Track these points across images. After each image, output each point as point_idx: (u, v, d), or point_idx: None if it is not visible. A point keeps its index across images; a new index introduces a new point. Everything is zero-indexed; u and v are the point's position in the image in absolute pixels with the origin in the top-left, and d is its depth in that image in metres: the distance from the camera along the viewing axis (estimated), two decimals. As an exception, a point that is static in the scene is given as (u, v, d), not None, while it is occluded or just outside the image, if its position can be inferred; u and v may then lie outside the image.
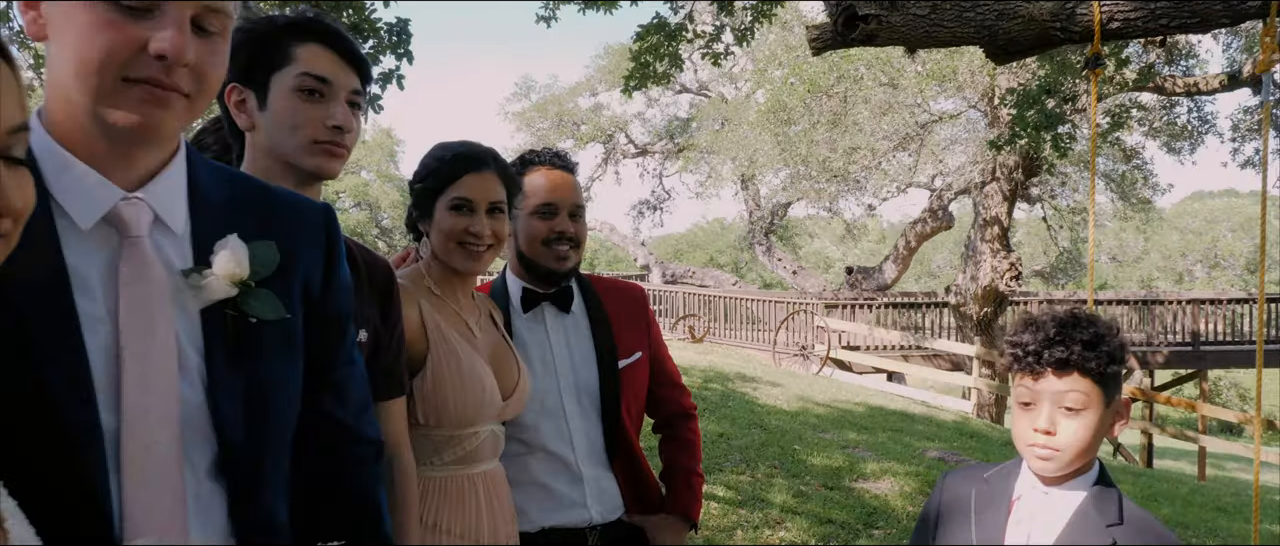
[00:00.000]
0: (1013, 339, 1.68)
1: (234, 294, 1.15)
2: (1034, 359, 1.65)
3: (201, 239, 1.16)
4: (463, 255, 1.94)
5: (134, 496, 1.07)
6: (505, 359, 2.04)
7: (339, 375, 1.32)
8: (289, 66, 1.56)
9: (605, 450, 2.29)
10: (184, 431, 1.11)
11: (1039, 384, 1.66)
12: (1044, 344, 1.63)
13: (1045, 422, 1.64)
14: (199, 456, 1.14)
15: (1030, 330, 1.66)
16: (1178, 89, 13.92)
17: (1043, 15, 3.77)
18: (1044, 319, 1.67)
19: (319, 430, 1.30)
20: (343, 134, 1.59)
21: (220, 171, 1.25)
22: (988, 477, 1.81)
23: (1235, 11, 3.55)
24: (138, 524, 1.07)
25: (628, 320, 2.41)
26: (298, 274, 1.24)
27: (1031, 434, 1.66)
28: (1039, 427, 1.65)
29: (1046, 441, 1.65)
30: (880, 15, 3.69)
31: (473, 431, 1.91)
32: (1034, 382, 1.66)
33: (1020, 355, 1.66)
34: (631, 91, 8.98)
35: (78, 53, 1.04)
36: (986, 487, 1.78)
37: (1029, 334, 1.65)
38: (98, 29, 1.03)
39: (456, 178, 1.93)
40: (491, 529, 1.92)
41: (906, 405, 13.61)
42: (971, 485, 1.81)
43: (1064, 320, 1.65)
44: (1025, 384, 1.68)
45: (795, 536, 6.00)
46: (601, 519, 2.25)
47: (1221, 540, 7.55)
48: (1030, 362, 1.65)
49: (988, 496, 1.76)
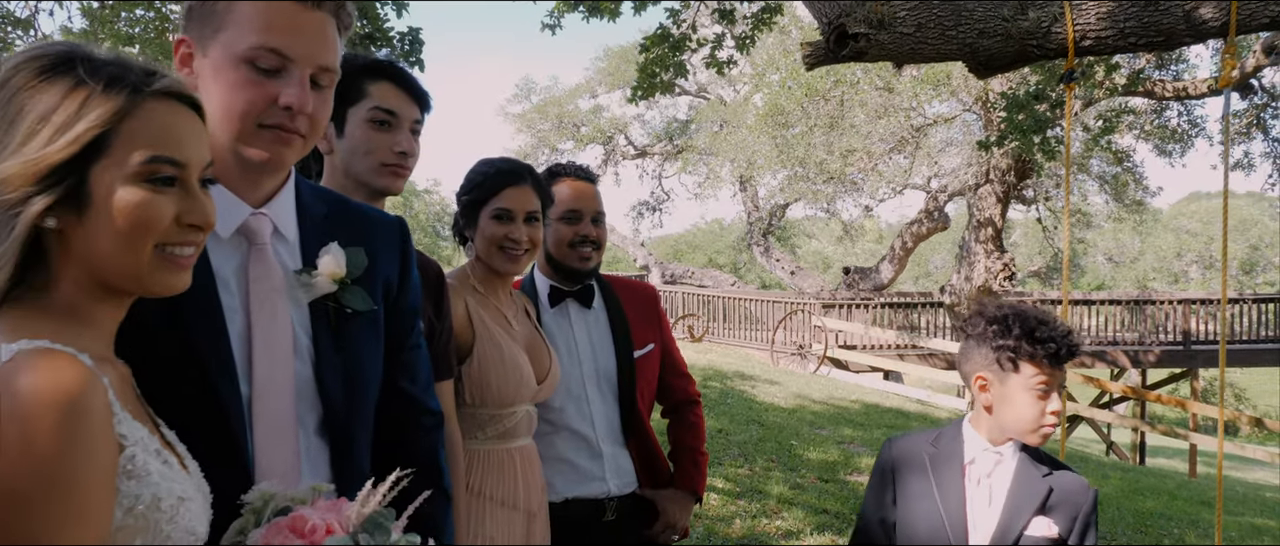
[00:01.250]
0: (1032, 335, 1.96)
1: (334, 289, 1.44)
2: (1061, 355, 1.96)
3: (308, 246, 1.45)
4: (503, 258, 2.23)
5: (263, 449, 1.35)
6: (539, 348, 2.33)
7: (409, 357, 1.61)
8: (363, 101, 1.87)
9: (622, 430, 2.58)
10: (298, 399, 1.40)
11: (1055, 374, 1.97)
12: (1066, 341, 1.94)
13: (1059, 405, 1.97)
14: (309, 418, 1.42)
15: (1045, 327, 1.96)
16: (1168, 93, 14.21)
17: (1020, 33, 4.05)
18: (1042, 317, 1.97)
19: (393, 401, 1.58)
20: (406, 158, 1.90)
21: (319, 191, 1.54)
22: (934, 441, 2.13)
23: (1197, 31, 3.83)
24: (264, 471, 1.35)
25: (641, 316, 2.71)
26: (380, 274, 1.53)
27: (1048, 417, 1.98)
28: (1055, 410, 1.97)
29: (1056, 420, 1.97)
30: (869, 34, 3.97)
31: (511, 411, 2.19)
32: (1052, 374, 1.97)
33: (1046, 351, 1.95)
34: (639, 101, 9.25)
35: (225, 103, 1.33)
36: (936, 450, 2.10)
37: (1047, 330, 1.95)
38: (242, 86, 1.33)
39: (498, 190, 2.22)
40: (526, 496, 2.20)
41: (902, 403, 13.88)
42: (921, 447, 2.13)
43: (1053, 320, 1.96)
44: (1042, 375, 1.97)
45: (791, 525, 6.27)
46: (618, 491, 2.54)
47: (1201, 532, 7.83)
48: (1056, 359, 1.96)
49: (939, 457, 2.08)
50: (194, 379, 1.29)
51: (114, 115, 1.03)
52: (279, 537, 1.16)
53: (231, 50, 1.33)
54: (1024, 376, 2.00)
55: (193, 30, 1.37)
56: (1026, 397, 2.00)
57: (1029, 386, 1.99)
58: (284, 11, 1.33)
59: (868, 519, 2.17)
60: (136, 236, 1.05)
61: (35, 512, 0.89)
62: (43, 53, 1.05)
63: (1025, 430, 2.02)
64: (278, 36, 1.33)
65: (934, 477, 2.06)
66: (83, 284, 1.06)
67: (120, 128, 1.04)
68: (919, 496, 2.07)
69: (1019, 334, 1.99)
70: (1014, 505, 2.01)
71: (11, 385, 0.89)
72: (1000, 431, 2.06)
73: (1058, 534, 1.99)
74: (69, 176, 1.02)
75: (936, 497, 2.05)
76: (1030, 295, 20.05)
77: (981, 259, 15.71)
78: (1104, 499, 8.90)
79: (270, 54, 1.33)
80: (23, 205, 1.00)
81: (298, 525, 1.18)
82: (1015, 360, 2.00)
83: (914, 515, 2.07)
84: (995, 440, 2.06)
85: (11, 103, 1.02)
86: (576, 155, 29.51)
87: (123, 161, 1.04)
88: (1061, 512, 2.01)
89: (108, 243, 1.04)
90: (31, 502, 0.89)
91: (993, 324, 2.03)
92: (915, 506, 2.07)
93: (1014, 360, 2.01)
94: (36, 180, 1.00)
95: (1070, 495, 2.02)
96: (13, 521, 0.89)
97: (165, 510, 1.02)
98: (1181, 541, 7.46)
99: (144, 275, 1.08)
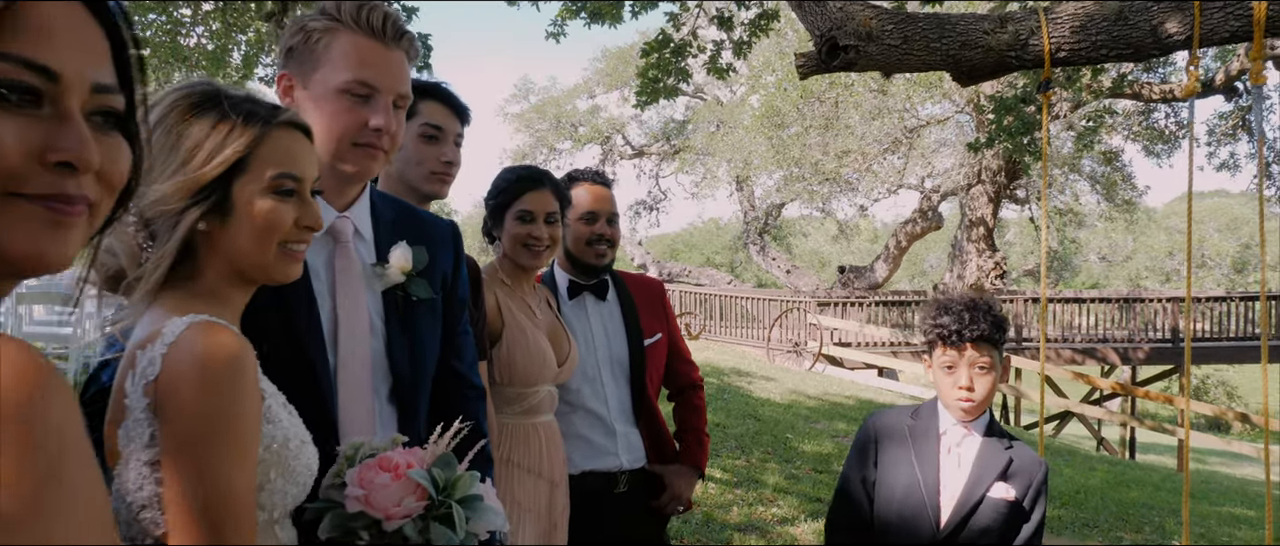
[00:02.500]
0: (934, 321, 2.29)
1: (402, 280, 1.72)
2: (956, 336, 2.25)
3: (381, 244, 1.73)
4: (527, 254, 2.51)
5: (345, 409, 1.63)
6: (559, 335, 2.61)
7: (459, 340, 1.89)
8: (414, 117, 2.16)
9: (633, 410, 2.86)
10: (372, 370, 1.68)
11: (961, 354, 2.25)
12: (963, 324, 2.23)
13: (966, 381, 2.26)
14: (381, 387, 1.70)
15: (948, 314, 2.26)
16: (1155, 95, 14.51)
17: (1000, 46, 4.33)
18: (955, 304, 2.27)
19: (445, 376, 1.86)
20: (451, 167, 2.19)
21: (387, 198, 1.83)
22: (913, 415, 2.43)
23: (1162, 44, 4.12)
24: (346, 430, 1.63)
25: (650, 308, 2.99)
26: (438, 268, 1.81)
27: (957, 391, 2.28)
28: (962, 385, 2.25)
29: (968, 395, 2.26)
30: (858, 45, 4.25)
31: (534, 390, 2.47)
32: (958, 354, 2.26)
33: (945, 334, 2.26)
34: (643, 107, 9.50)
35: (325, 127, 1.61)
36: (915, 423, 2.39)
37: (949, 316, 2.25)
38: (340, 113, 1.62)
39: (521, 194, 2.50)
40: (550, 467, 2.48)
41: (895, 399, 14.16)
42: (902, 421, 2.42)
43: (971, 304, 2.26)
44: (949, 354, 2.28)
45: (786, 513, 6.55)
46: (629, 465, 2.82)
47: (1181, 520, 8.12)
48: (953, 339, 2.25)
49: (918, 430, 2.37)
50: (293, 350, 1.57)
51: (251, 142, 1.31)
52: (371, 473, 1.45)
53: (329, 84, 1.62)
54: (936, 355, 2.32)
55: (293, 68, 1.65)
56: (940, 374, 2.32)
57: (940, 363, 2.31)
58: (371, 51, 1.63)
59: (850, 478, 2.45)
60: (267, 236, 1.33)
61: (214, 451, 1.16)
62: (191, 91, 1.33)
63: (947, 403, 2.34)
64: (367, 71, 1.62)
65: (913, 446, 2.36)
66: (223, 274, 1.34)
67: (256, 152, 1.32)
68: (898, 461, 2.36)
69: (930, 321, 2.31)
70: (979, 471, 2.31)
71: (194, 349, 1.17)
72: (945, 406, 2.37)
73: (1014, 497, 2.29)
74: (217, 191, 1.30)
75: (914, 463, 2.34)
76: (1022, 293, 20.33)
77: (974, 258, 16.01)
78: (1091, 490, 9.21)
79: (361, 86, 1.62)
80: (182, 214, 1.28)
81: (385, 463, 1.47)
82: (929, 342, 2.34)
83: (893, 477, 2.36)
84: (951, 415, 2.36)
85: (171, 132, 1.30)
86: (574, 155, 29.81)
87: (258, 178, 1.32)
88: (1018, 480, 2.32)
89: (245, 241, 1.32)
90: (211, 442, 1.16)
91: (926, 312, 2.35)
92: (894, 470, 2.36)
93: (929, 342, 2.34)
94: (192, 194, 1.28)
95: (1026, 466, 2.33)
96: (195, 460, 1.16)
97: (292, 450, 1.30)
98: (1161, 528, 7.76)
99: (270, 266, 1.36)
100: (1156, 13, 4.10)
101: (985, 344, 2.26)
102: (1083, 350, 19.11)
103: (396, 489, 1.46)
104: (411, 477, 1.47)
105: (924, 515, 2.31)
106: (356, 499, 1.46)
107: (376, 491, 1.46)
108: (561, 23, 9.52)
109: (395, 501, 1.46)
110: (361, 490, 1.46)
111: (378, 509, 1.46)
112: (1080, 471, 10.51)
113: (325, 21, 1.61)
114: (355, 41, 1.61)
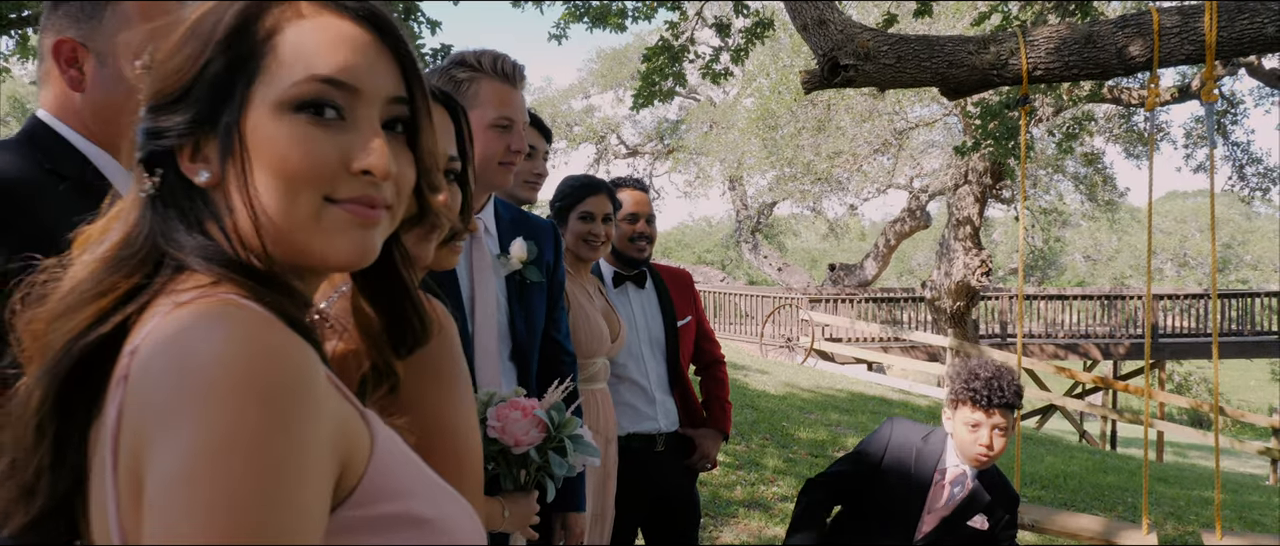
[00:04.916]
0: (966, 384, 2.74)
1: (519, 268, 2.21)
2: (985, 400, 2.73)
3: (502, 238, 2.22)
4: (587, 248, 3.00)
5: (480, 366, 2.12)
6: (611, 315, 3.11)
7: (557, 314, 2.39)
8: None
9: (668, 382, 3.36)
10: (499, 336, 2.17)
11: (987, 416, 2.74)
12: (992, 391, 2.71)
13: (987, 440, 2.74)
14: (504, 351, 2.19)
15: (979, 379, 2.72)
16: (1133, 100, 15.07)
17: (984, 65, 4.85)
18: (985, 370, 2.73)
19: (547, 343, 2.35)
20: (541, 177, 2.68)
21: (503, 203, 2.32)
22: (925, 438, 2.90)
23: (1126, 65, 4.65)
24: (481, 381, 2.12)
25: (681, 295, 3.50)
26: (544, 259, 2.30)
27: (978, 447, 2.76)
28: (983, 444, 2.74)
29: (987, 452, 2.76)
30: (857, 65, 4.76)
31: (592, 361, 2.96)
32: (984, 415, 2.74)
33: (976, 397, 2.73)
34: (639, 109, 9.94)
35: (480, 154, 2.09)
36: (924, 447, 2.87)
37: (980, 382, 2.72)
38: (490, 142, 2.09)
39: (583, 198, 2.99)
40: (605, 425, 2.98)
41: (885, 392, 14.68)
42: (914, 440, 2.89)
43: (999, 373, 2.73)
44: (976, 414, 2.75)
45: (785, 491, 7.06)
46: (666, 429, 3.32)
47: (1152, 501, 8.68)
48: (982, 403, 2.73)
49: (923, 454, 2.85)
50: None
51: None
52: (507, 410, 1.94)
53: (480, 122, 2.10)
54: (961, 414, 2.79)
55: None
56: (962, 428, 2.80)
57: (964, 420, 2.78)
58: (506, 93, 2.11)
59: (853, 458, 2.96)
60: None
61: None
62: None
63: (965, 453, 2.82)
64: (506, 110, 2.10)
65: (915, 464, 2.84)
66: None
67: None
68: (898, 467, 2.86)
69: (962, 382, 2.78)
70: (965, 507, 2.82)
71: None
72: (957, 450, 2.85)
73: (987, 527, 2.80)
74: None
75: (911, 476, 2.84)
76: (1007, 290, 20.93)
77: (960, 256, 16.52)
78: (1070, 474, 9.76)
79: (504, 120, 2.10)
80: None
81: (515, 404, 1.96)
82: (956, 401, 2.81)
83: (891, 479, 2.85)
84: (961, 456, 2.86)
85: None
86: (569, 154, 30.25)
87: None
88: (995, 514, 2.82)
89: None
90: None
91: (959, 372, 2.83)
92: (893, 472, 2.86)
93: (955, 401, 2.81)
94: None
95: (1003, 500, 2.83)
96: None
97: None
98: (1134, 508, 8.31)
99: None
100: (1121, 37, 4.63)
101: (1008, 410, 2.72)
102: (1066, 345, 19.70)
103: (526, 424, 1.95)
104: (537, 415, 1.96)
105: (907, 523, 2.80)
106: (495, 429, 1.96)
107: (510, 424, 1.95)
108: (564, 26, 9.88)
109: (524, 431, 1.95)
110: (499, 423, 1.95)
111: (510, 437, 1.96)
112: (1061, 458, 11.07)
113: (467, 72, 2.09)
114: (494, 87, 2.10)
